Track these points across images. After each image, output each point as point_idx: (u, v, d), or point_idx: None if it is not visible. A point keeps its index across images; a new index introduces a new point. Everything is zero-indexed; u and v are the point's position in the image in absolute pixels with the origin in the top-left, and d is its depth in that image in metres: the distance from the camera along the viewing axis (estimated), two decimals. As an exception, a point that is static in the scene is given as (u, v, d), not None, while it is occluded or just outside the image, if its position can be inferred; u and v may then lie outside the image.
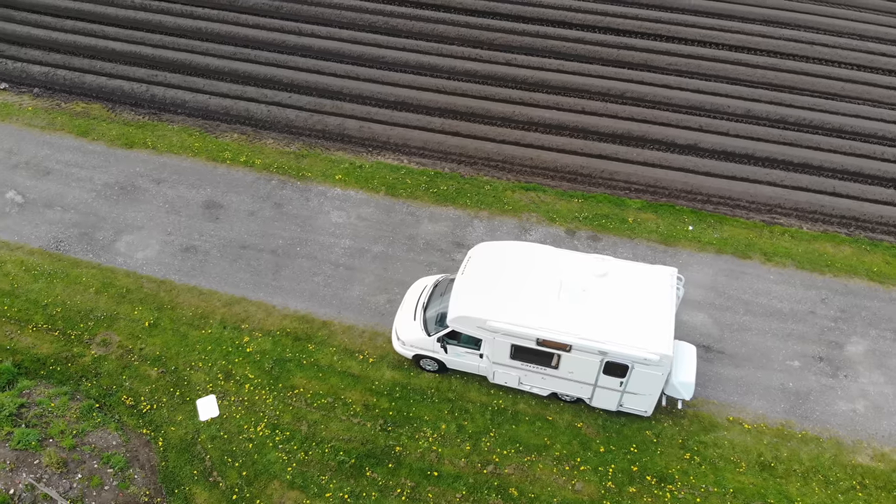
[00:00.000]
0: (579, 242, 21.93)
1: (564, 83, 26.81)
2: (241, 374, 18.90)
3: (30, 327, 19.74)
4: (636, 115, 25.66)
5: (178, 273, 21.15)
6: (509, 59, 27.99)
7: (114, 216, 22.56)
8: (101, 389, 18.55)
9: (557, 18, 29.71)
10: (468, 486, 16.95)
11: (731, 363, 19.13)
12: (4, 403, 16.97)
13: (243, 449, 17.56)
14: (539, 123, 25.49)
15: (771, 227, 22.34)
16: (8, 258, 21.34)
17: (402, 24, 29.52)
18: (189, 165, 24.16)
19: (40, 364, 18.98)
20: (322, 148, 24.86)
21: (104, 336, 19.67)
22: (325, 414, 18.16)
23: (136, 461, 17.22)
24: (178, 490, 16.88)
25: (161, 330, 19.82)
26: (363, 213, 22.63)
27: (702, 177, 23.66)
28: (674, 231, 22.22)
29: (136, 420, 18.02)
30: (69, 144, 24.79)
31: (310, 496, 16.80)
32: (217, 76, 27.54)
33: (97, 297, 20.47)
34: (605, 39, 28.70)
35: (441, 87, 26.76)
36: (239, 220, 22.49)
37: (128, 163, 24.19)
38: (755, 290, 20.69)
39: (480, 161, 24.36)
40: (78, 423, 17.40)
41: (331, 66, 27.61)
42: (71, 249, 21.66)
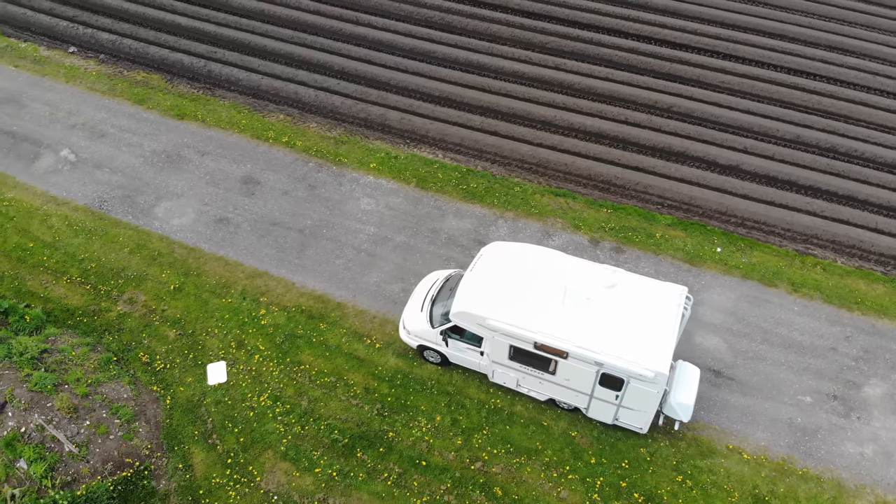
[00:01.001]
0: (602, 253, 21.75)
1: (611, 92, 26.56)
2: (253, 345, 19.57)
3: (64, 279, 20.91)
4: (680, 131, 25.22)
5: (209, 242, 22.00)
6: (559, 63, 27.90)
7: (157, 182, 23.61)
8: (121, 344, 19.52)
9: (613, 27, 29.42)
10: (454, 480, 17.13)
11: (740, 391, 18.68)
12: (28, 347, 18.06)
13: (244, 416, 18.20)
14: (579, 130, 25.35)
15: (803, 258, 21.65)
16: (54, 212, 22.63)
17: (458, 22, 29.78)
18: (234, 141, 25.04)
19: (69, 314, 20.10)
20: (362, 136, 25.38)
21: (131, 294, 20.67)
22: (327, 392, 18.64)
23: (142, 415, 18.08)
24: (177, 448, 17.65)
25: (185, 294, 20.68)
26: (391, 203, 23.02)
27: (739, 199, 23.09)
28: (701, 251, 21.79)
29: (148, 377, 18.90)
30: (125, 111, 26.05)
31: (300, 469, 17.30)
32: (272, 58, 28.41)
33: (130, 257, 21.51)
34: (660, 51, 28.27)
35: (486, 85, 26.90)
36: (273, 198, 23.20)
37: (177, 133, 25.26)
38: (776, 320, 20.12)
39: (514, 162, 24.42)
40: (94, 373, 18.39)
41: (382, 57, 28.10)
42: (113, 210, 22.80)
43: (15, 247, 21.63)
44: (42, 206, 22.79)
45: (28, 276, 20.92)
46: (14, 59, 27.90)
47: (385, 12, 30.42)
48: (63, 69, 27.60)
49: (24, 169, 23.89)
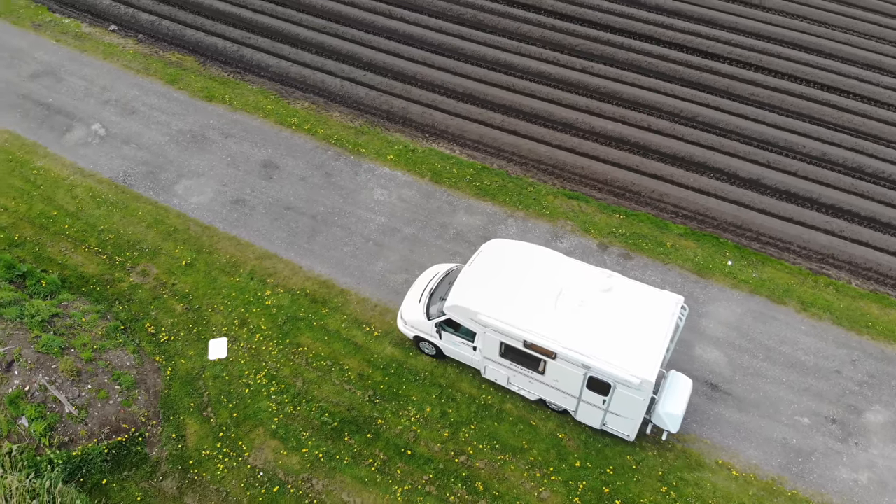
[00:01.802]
0: (609, 258, 21.61)
1: (636, 98, 26.32)
2: (255, 324, 19.99)
3: (83, 247, 21.65)
4: (702, 141, 24.87)
5: (224, 222, 22.53)
6: (586, 66, 27.75)
7: (180, 161, 24.26)
8: (129, 314, 20.15)
9: (646, 33, 29.12)
10: (437, 471, 17.26)
11: (736, 406, 18.38)
12: (40, 310, 18.77)
13: (239, 393, 18.63)
14: (600, 134, 25.19)
15: (816, 277, 21.16)
16: (80, 183, 23.43)
17: (489, 20, 29.84)
18: (257, 125, 25.56)
19: (83, 282, 20.82)
20: (382, 127, 25.65)
21: (144, 267, 21.30)
22: (321, 375, 18.94)
23: (143, 384, 18.64)
24: (172, 417, 18.16)
25: (195, 270, 21.23)
26: (404, 195, 23.23)
27: (756, 213, 22.68)
28: (711, 263, 21.47)
29: (152, 347, 19.47)
30: (157, 90, 26.80)
31: (287, 448, 17.64)
32: (303, 46, 28.89)
33: (147, 231, 22.15)
34: (690, 60, 27.89)
35: (511, 84, 26.91)
36: (290, 183, 23.63)
37: (204, 114, 25.90)
38: (781, 338, 19.73)
39: (531, 162, 24.40)
40: (101, 339, 19.02)
41: (410, 51, 28.34)
42: (135, 184, 23.51)
43: (39, 214, 22.48)
44: (69, 176, 23.63)
45: (49, 243, 21.73)
46: (56, 33, 28.95)
47: (419, 7, 30.65)
48: (102, 46, 28.53)
49: (56, 140, 24.79)
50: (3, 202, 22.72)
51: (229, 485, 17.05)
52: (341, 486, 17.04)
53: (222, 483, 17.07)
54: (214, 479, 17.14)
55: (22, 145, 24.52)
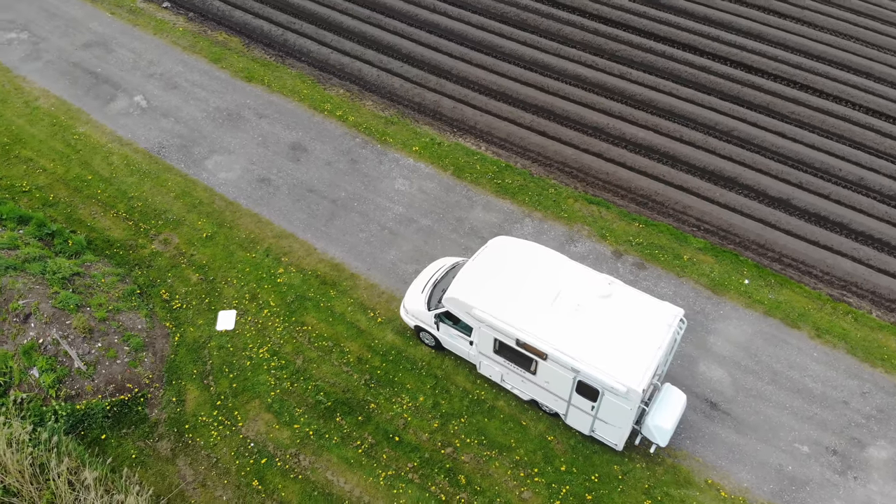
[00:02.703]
0: (622, 266, 21.37)
1: (672, 107, 25.90)
2: (265, 300, 20.48)
3: (112, 212, 22.53)
4: (734, 155, 24.33)
5: (248, 199, 23.12)
6: (624, 72, 27.43)
7: (213, 137, 24.98)
8: (147, 279, 20.89)
9: (690, 42, 28.60)
10: (422, 460, 17.41)
11: (733, 427, 17.98)
12: (62, 268, 19.64)
13: (241, 364, 19.13)
14: (629, 141, 24.90)
15: (835, 304, 20.50)
16: (117, 151, 24.36)
17: (532, 20, 29.77)
18: (291, 108, 26.12)
19: (108, 245, 21.67)
20: (412, 119, 25.89)
21: (167, 236, 22.04)
22: (322, 355, 19.30)
23: (151, 347, 19.32)
24: (175, 382, 18.78)
25: (214, 243, 21.86)
26: (425, 187, 23.42)
27: (780, 233, 22.09)
28: (727, 280, 21.02)
29: (164, 313, 20.15)
30: (200, 67, 27.64)
31: (280, 422, 18.05)
32: (346, 34, 29.36)
33: (173, 202, 22.90)
34: (733, 73, 27.28)
35: (545, 85, 26.81)
36: (315, 166, 24.09)
37: (242, 94, 26.59)
38: (790, 362, 19.20)
39: (556, 164, 24.28)
40: (117, 301, 19.78)
41: (449, 46, 28.50)
42: (168, 156, 24.31)
43: (75, 177, 23.48)
44: (107, 143, 24.60)
45: (81, 205, 22.68)
46: (112, 6, 30.12)
47: (463, 3, 30.79)
48: (153, 22, 29.56)
49: (100, 108, 25.82)
50: (43, 163, 23.81)
51: (220, 452, 17.55)
52: (327, 464, 17.36)
53: (214, 450, 17.58)
54: (207, 444, 17.67)
55: (67, 111, 25.64)
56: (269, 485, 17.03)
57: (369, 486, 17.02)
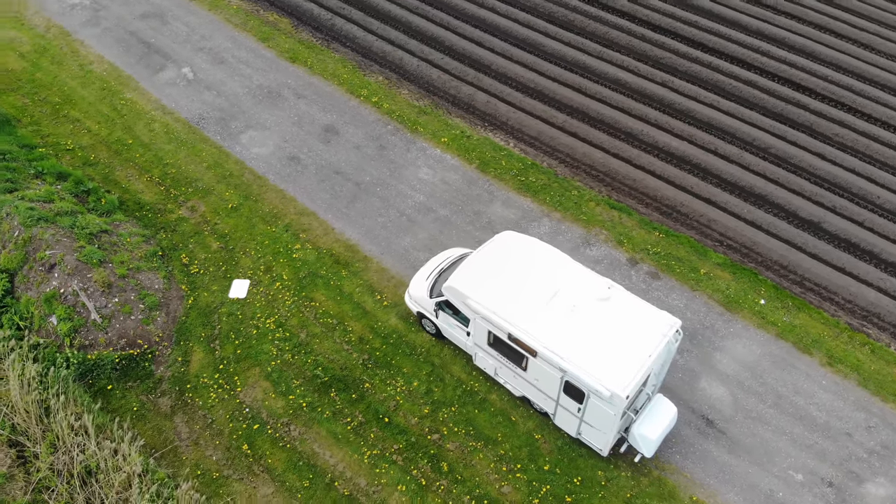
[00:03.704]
0: (636, 274, 21.11)
1: (710, 119, 25.37)
2: (278, 273, 21.03)
3: (146, 176, 23.47)
4: (769, 173, 23.69)
5: (276, 175, 23.73)
6: (666, 80, 27.00)
7: (251, 113, 25.71)
8: (170, 243, 21.70)
9: (738, 55, 27.93)
10: (408, 443, 17.63)
11: (727, 447, 17.60)
12: (91, 224, 20.59)
13: (247, 332, 19.71)
14: (661, 149, 24.52)
15: (853, 333, 19.80)
16: (159, 118, 25.34)
17: (579, 21, 29.56)
18: (330, 91, 26.65)
19: (138, 207, 22.59)
20: (445, 111, 26.09)
21: (194, 203, 22.83)
22: (325, 332, 19.72)
23: (165, 307, 20.09)
24: (183, 343, 19.49)
25: (238, 214, 22.54)
26: (448, 178, 23.59)
27: (805, 256, 21.43)
28: (742, 298, 20.54)
29: (182, 276, 20.91)
30: (248, 45, 28.45)
31: (276, 392, 18.55)
32: (392, 23, 29.75)
33: (205, 172, 23.70)
34: (779, 90, 26.52)
35: (583, 87, 26.62)
36: (344, 149, 24.54)
37: (284, 74, 27.27)
38: (796, 388, 18.66)
39: (583, 166, 24.11)
40: (138, 260, 20.64)
41: (492, 41, 28.57)
42: (206, 128, 25.15)
43: (117, 140, 24.54)
44: (151, 111, 25.60)
45: (118, 167, 23.70)
46: (172, -19, 31.33)
47: (512, 0, 30.78)
48: (209, -2, 30.63)
49: (148, 77, 26.89)
50: (89, 125, 24.96)
51: (216, 413, 18.15)
52: (316, 437, 17.76)
53: (211, 411, 18.20)
54: (205, 405, 18.31)
55: (118, 77, 26.79)
56: (258, 450, 17.55)
57: (353, 462, 17.35)
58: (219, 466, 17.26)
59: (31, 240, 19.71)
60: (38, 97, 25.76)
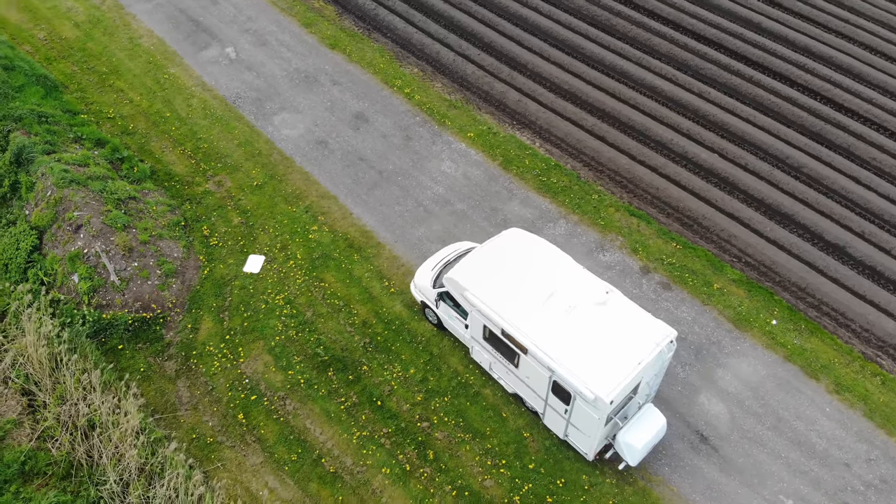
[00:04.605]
0: (647, 283, 20.89)
1: (744, 134, 24.86)
2: (293, 252, 21.53)
3: (179, 149, 24.28)
4: (798, 192, 23.11)
5: (302, 157, 24.26)
6: (703, 91, 26.53)
7: (286, 95, 26.31)
8: (194, 214, 22.43)
9: (781, 71, 27.24)
10: (397, 428, 17.90)
11: (718, 465, 17.33)
12: (120, 190, 21.44)
13: (256, 307, 20.26)
14: (690, 160, 24.15)
15: (865, 363, 19.20)
16: (198, 94, 26.16)
17: (621, 26, 29.27)
18: (365, 80, 27.06)
19: (168, 177, 23.40)
20: (475, 106, 26.21)
21: (221, 178, 23.53)
22: (331, 312, 20.13)
23: (181, 275, 20.80)
24: (194, 310, 20.16)
25: (262, 192, 23.14)
26: (469, 173, 23.73)
27: (826, 280, 20.86)
28: (753, 317, 20.13)
29: (201, 247, 21.60)
30: (292, 29, 29.09)
31: (277, 366, 19.03)
32: (434, 17, 29.98)
33: (235, 149, 24.38)
34: (819, 109, 25.78)
35: (617, 92, 26.39)
36: (371, 137, 24.91)
37: (322, 59, 27.80)
38: (798, 413, 18.22)
39: (606, 171, 23.94)
40: (161, 228, 21.41)
41: (530, 41, 28.53)
42: (242, 107, 25.85)
43: (156, 112, 25.44)
44: (191, 86, 26.45)
45: (154, 138, 24.58)
46: (226, -37, 32.21)
47: (556, 1, 30.66)
48: (259, -18, 31.38)
49: (193, 54, 27.76)
50: (132, 95, 25.94)
51: (217, 382, 18.75)
52: (309, 413, 18.18)
53: (212, 379, 18.80)
54: (208, 373, 18.92)
55: (164, 52, 27.74)
56: (252, 420, 18.06)
57: (342, 441, 17.70)
58: (213, 432, 17.84)
59: (61, 200, 20.66)
60: (87, 66, 26.90)
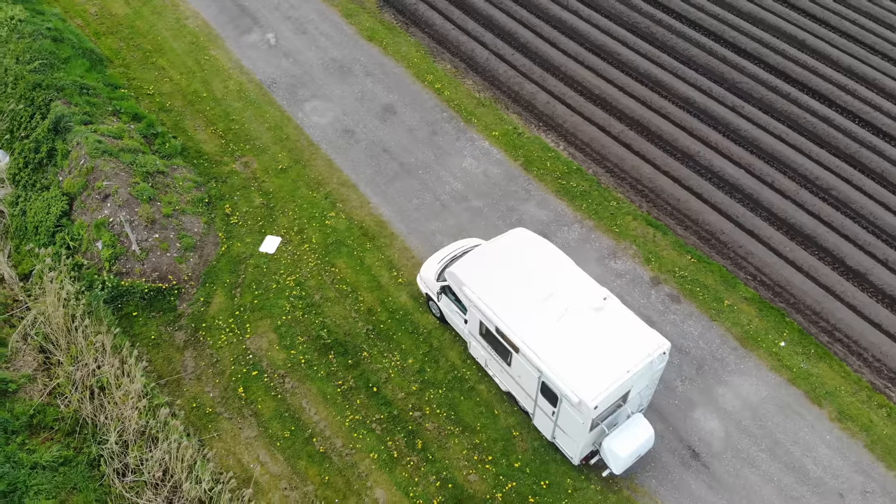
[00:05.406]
0: (655, 294, 20.72)
1: (774, 151, 24.38)
2: (309, 236, 22.03)
3: (211, 128, 25.04)
4: (823, 214, 22.58)
5: (328, 144, 24.76)
6: (737, 104, 26.08)
7: (319, 83, 26.86)
8: (218, 192, 23.14)
9: (822, 90, 26.57)
10: (390, 415, 18.21)
11: (707, 482, 17.15)
12: (149, 164, 22.26)
13: (268, 285, 20.82)
14: (715, 173, 23.81)
15: (873, 393, 18.70)
16: (235, 77, 26.91)
17: (661, 34, 28.95)
18: (397, 73, 27.41)
19: (198, 155, 24.17)
20: (503, 105, 26.31)
21: (248, 160, 24.19)
22: (338, 297, 20.55)
23: (199, 250, 21.50)
24: (208, 284, 20.82)
25: (285, 176, 23.72)
26: (489, 171, 23.87)
27: (842, 305, 20.35)
28: (761, 337, 19.79)
29: (222, 224, 22.27)
30: (332, 19, 29.64)
31: (281, 345, 19.55)
32: (472, 14, 30.15)
33: (265, 132, 25.02)
34: (856, 132, 25.08)
35: (649, 100, 26.15)
36: (397, 130, 25.25)
37: (358, 50, 28.26)
38: (796, 438, 17.87)
39: (628, 179, 23.78)
40: (185, 203, 22.16)
41: (566, 44, 28.45)
42: (276, 92, 26.49)
43: (193, 92, 26.27)
44: (230, 69, 27.22)
45: (189, 116, 25.40)
46: (275, -49, 32.95)
47: (597, 5, 30.50)
48: (306, -29, 32.03)
49: (235, 37, 28.55)
50: (172, 74, 26.84)
51: (222, 354, 19.36)
52: (306, 392, 18.64)
53: (218, 351, 19.42)
54: (214, 345, 19.55)
55: (208, 34, 28.60)
56: (251, 395, 18.61)
57: (335, 423, 18.10)
58: (213, 403, 18.45)
59: (93, 169, 21.56)
60: (133, 43, 27.93)
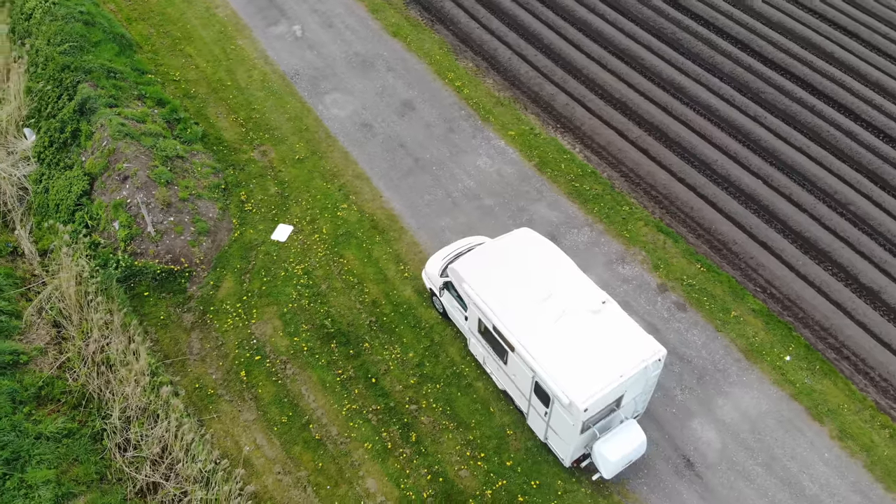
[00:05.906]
0: (662, 301, 20.60)
1: (793, 163, 24.04)
2: (319, 226, 22.33)
3: (232, 117, 25.49)
4: (839, 229, 22.20)
5: (346, 137, 25.03)
6: (760, 115, 25.75)
7: (341, 76, 27.15)
8: (235, 179, 23.56)
9: (847, 104, 26.08)
10: (386, 407, 18.41)
11: (699, 493, 17.02)
12: (169, 148, 22.75)
13: (276, 273, 21.16)
14: (732, 183, 23.56)
15: (877, 413, 18.37)
16: (260, 67, 27.34)
17: (686, 40, 28.69)
18: (418, 69, 27.59)
19: (218, 142, 24.63)
20: (521, 105, 26.33)
21: (266, 149, 24.58)
22: (344, 288, 20.81)
23: (212, 235, 21.93)
24: (219, 269, 21.23)
25: (302, 166, 24.06)
26: (503, 170, 23.92)
27: (851, 322, 20.01)
28: (766, 350, 19.56)
29: (236, 211, 22.68)
30: (358, 14, 29.93)
31: (285, 332, 19.86)
32: (497, 13, 30.18)
33: (285, 122, 25.39)
34: (880, 147, 24.55)
35: (669, 106, 25.94)
36: (415, 126, 25.43)
37: (382, 45, 28.50)
38: (794, 454, 17.65)
39: (643, 184, 23.65)
40: (202, 189, 22.61)
41: (590, 46, 28.35)
42: (298, 83, 26.86)
43: (217, 80, 26.76)
44: (255, 59, 27.67)
45: (211, 104, 25.88)
46: (307, -55, 33.34)
47: (623, 10, 30.33)
48: (336, -35, 32.37)
49: (262, 28, 29.00)
50: (198, 62, 27.37)
51: (227, 338, 19.74)
52: (306, 380, 18.92)
53: (223, 335, 19.81)
54: (220, 329, 19.94)
55: (236, 24, 29.09)
56: (253, 379, 18.95)
57: (332, 411, 18.36)
58: (215, 385, 18.84)
59: (115, 151, 22.11)
60: (163, 30, 28.54)
